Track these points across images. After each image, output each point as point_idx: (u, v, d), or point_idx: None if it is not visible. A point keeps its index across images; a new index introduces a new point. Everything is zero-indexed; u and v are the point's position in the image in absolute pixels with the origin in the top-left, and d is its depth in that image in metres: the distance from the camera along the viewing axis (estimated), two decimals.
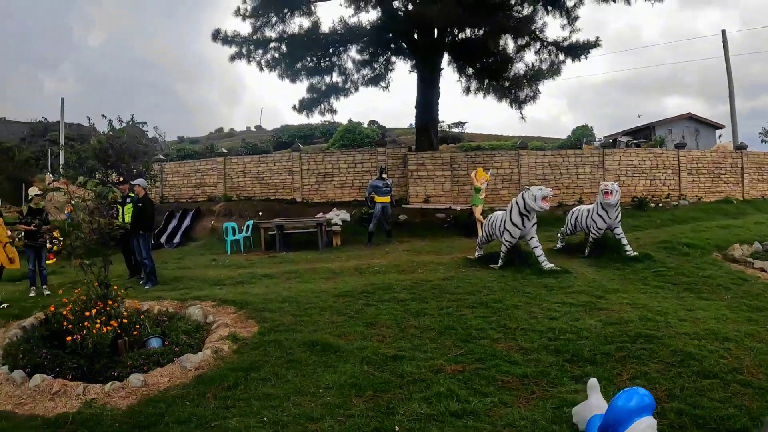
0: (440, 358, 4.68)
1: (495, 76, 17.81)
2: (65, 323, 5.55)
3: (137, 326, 5.68)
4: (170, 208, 17.60)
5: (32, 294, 8.83)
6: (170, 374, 4.71)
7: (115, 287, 5.97)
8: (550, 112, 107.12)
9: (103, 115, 16.61)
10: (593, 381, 3.31)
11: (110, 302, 5.76)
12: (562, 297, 6.45)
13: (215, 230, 15.47)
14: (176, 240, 15.77)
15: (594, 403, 3.17)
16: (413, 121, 21.58)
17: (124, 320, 5.54)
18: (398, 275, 8.25)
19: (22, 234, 9.08)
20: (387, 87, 18.97)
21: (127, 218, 9.33)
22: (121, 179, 10.77)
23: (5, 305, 7.72)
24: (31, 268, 8.99)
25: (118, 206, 9.75)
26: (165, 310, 6.62)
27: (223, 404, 4.04)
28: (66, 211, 19.56)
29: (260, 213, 15.84)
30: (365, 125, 33.78)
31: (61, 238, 11.29)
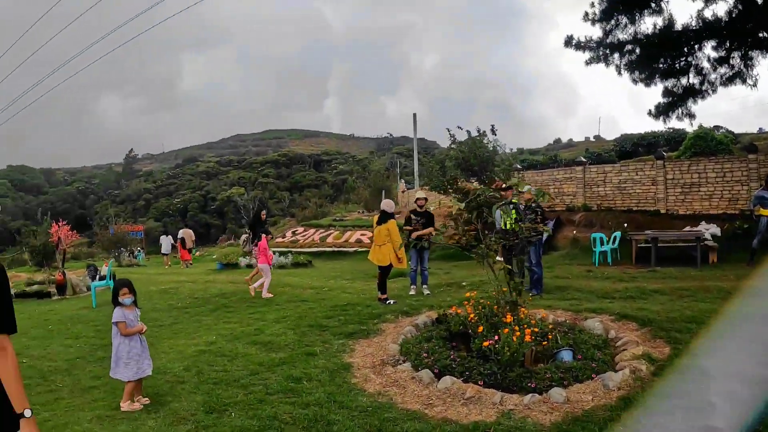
0: None
1: None
2: (470, 327, 6.01)
3: (548, 336, 5.83)
4: None
5: (412, 292, 10.09)
6: (592, 392, 4.70)
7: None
8: None
9: (460, 127, 19.23)
10: None
11: (523, 310, 6.07)
12: None
13: (577, 240, 16.45)
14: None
15: None
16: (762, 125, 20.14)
17: (535, 329, 5.71)
18: None
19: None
20: (755, 85, 18.34)
21: (509, 226, 10.17)
22: (503, 185, 11.83)
23: (392, 302, 9.03)
24: (413, 268, 10.33)
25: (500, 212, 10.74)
26: (562, 321, 6.93)
27: None
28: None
29: (625, 224, 16.37)
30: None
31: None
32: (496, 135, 19.48)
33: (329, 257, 20.70)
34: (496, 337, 5.43)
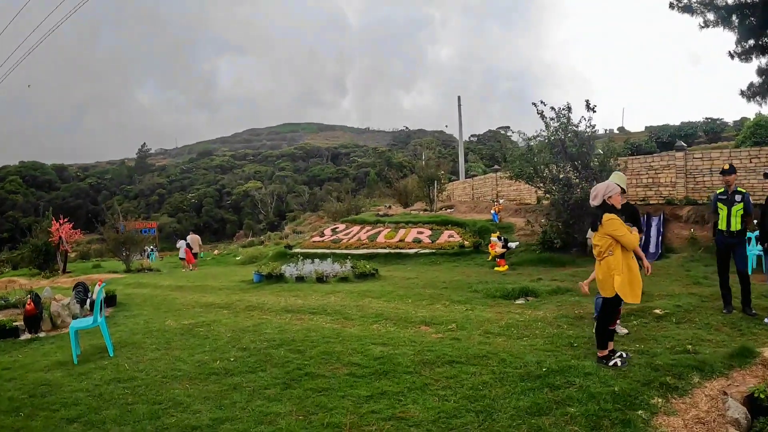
0: None
1: None
2: None
3: None
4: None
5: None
6: None
7: None
8: None
9: (543, 101, 15.23)
10: None
11: None
12: None
13: (695, 240, 13.91)
14: (653, 250, 14.83)
15: None
16: None
17: None
18: None
19: None
20: None
21: (734, 224, 7.23)
22: (727, 167, 7.74)
23: (618, 362, 5.06)
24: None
25: (720, 205, 7.44)
26: None
27: None
28: (493, 211, 18.51)
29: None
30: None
31: None
32: (595, 111, 14.89)
33: (385, 261, 16.25)
34: None
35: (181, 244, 23.68)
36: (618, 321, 6.36)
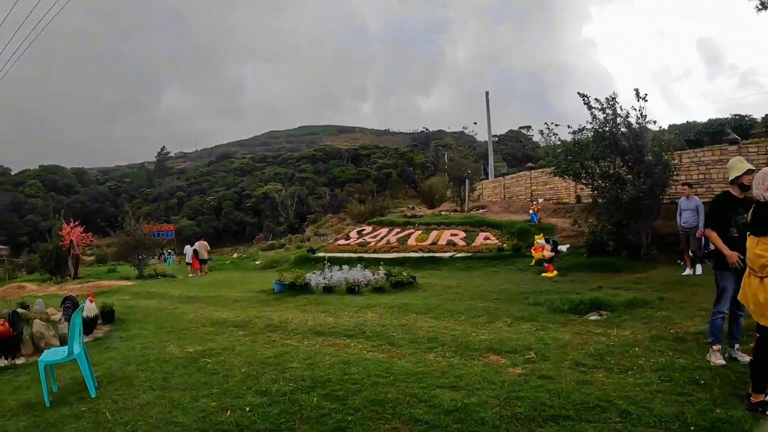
0: None
1: None
2: None
3: None
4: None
5: (717, 361, 4.79)
6: None
7: None
8: None
9: (583, 95, 13.47)
10: None
11: None
12: None
13: None
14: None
15: None
16: None
17: None
18: None
19: None
20: None
21: None
22: None
23: None
24: (721, 311, 4.98)
25: None
26: None
27: None
28: (531, 211, 17.04)
29: None
30: None
31: None
32: (646, 101, 13.13)
33: (418, 266, 14.64)
34: None
35: (187, 249, 23.58)
36: (738, 346, 4.87)
